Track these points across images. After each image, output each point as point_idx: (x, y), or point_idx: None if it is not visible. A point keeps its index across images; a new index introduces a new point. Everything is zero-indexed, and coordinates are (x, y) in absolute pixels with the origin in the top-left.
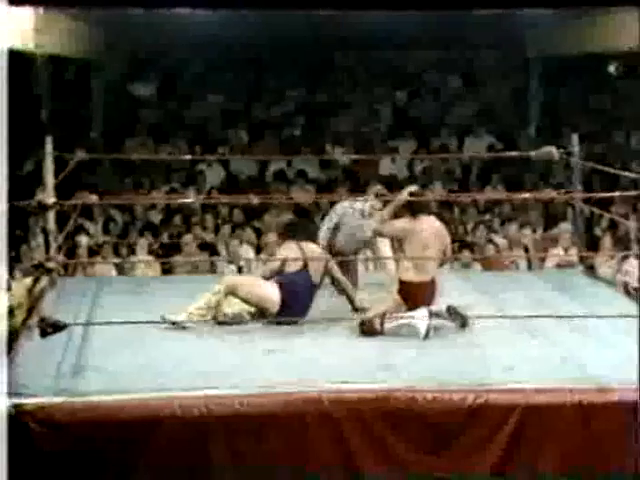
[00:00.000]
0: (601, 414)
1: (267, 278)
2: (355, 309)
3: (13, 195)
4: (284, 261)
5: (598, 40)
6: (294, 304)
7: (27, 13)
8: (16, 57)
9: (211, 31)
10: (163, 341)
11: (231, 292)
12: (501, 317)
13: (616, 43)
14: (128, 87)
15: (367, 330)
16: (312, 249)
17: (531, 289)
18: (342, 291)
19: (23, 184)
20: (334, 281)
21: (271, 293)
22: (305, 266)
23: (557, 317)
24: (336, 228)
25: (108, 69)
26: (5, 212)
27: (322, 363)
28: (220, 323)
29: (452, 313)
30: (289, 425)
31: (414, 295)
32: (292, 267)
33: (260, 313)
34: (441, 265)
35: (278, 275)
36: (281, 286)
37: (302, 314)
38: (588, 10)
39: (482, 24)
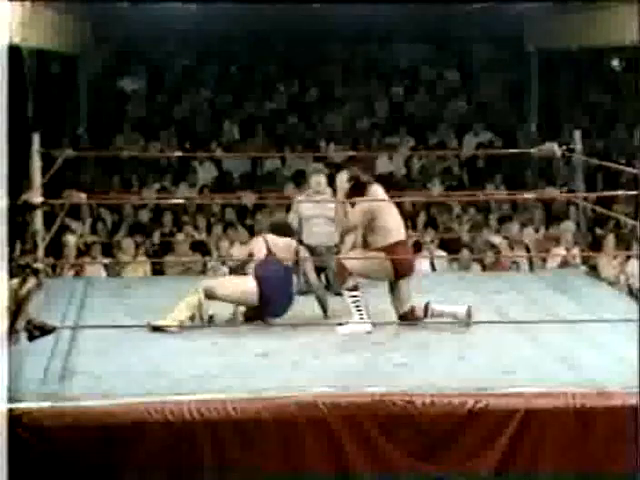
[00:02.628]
0: (602, 418)
1: (236, 270)
2: (325, 313)
3: None
4: (250, 254)
5: (599, 33)
6: (274, 290)
7: (12, 6)
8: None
9: (200, 25)
10: (151, 344)
11: (210, 295)
12: (499, 322)
13: (618, 37)
14: (116, 82)
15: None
16: (276, 241)
17: (532, 290)
18: (313, 293)
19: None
20: (307, 281)
21: (247, 286)
22: (270, 254)
23: (558, 322)
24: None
25: (95, 64)
26: (5, 209)
27: (316, 367)
28: (210, 325)
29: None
30: (282, 430)
31: (404, 252)
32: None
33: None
34: None
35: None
36: (256, 276)
37: (287, 299)
38: (588, 3)
39: (479, 17)
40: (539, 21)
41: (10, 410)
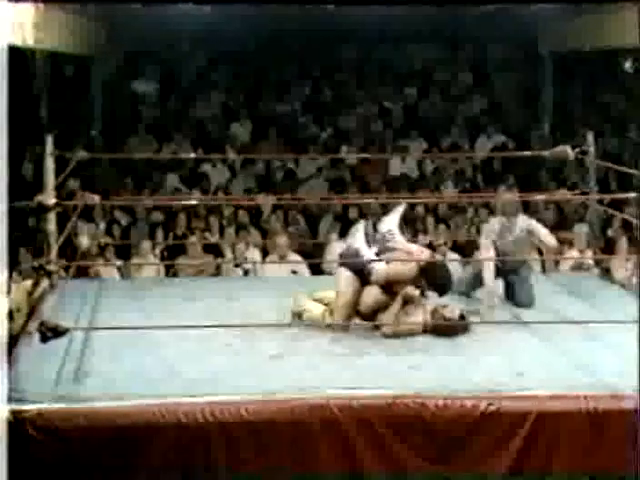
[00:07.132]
0: (614, 420)
1: None
2: None
3: (11, 195)
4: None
5: (612, 35)
6: None
7: (26, 8)
8: (14, 53)
9: (213, 26)
10: (165, 345)
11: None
12: (510, 322)
13: (631, 38)
14: (129, 84)
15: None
16: None
17: (544, 293)
18: None
19: (22, 183)
20: None
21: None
22: None
23: (568, 323)
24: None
25: (108, 65)
26: (5, 213)
27: (328, 368)
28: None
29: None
30: (295, 432)
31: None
32: None
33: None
34: None
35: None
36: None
37: None
38: (601, 4)
39: (493, 18)
40: (553, 23)
41: (23, 411)
